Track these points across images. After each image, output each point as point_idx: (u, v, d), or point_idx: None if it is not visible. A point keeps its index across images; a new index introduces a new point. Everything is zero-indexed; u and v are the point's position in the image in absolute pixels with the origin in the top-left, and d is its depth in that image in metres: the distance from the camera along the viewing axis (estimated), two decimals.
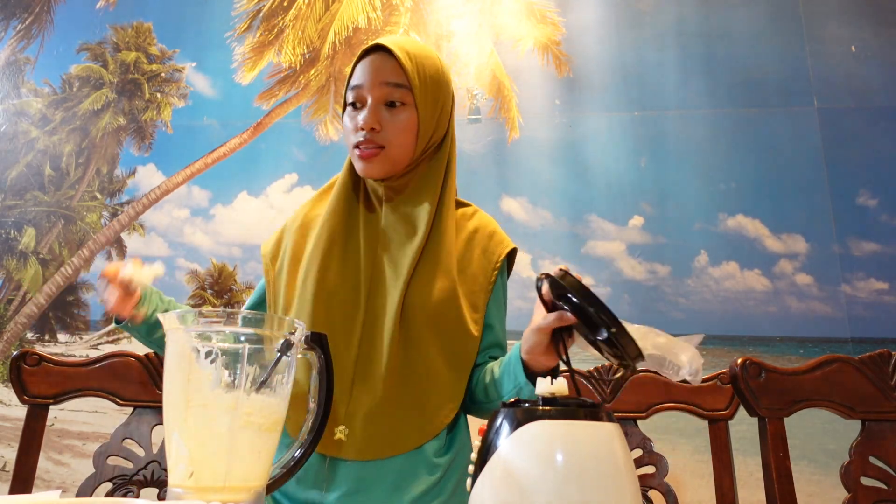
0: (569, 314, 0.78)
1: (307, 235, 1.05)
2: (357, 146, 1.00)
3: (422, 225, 1.01)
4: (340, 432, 0.92)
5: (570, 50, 2.37)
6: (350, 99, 1.02)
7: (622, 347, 0.72)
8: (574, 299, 0.75)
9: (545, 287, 0.81)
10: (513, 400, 0.67)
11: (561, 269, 0.77)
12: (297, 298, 1.00)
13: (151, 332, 1.02)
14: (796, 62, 2.26)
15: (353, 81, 1.02)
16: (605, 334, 0.72)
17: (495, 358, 1.07)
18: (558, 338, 0.82)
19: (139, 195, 2.43)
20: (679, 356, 0.75)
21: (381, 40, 1.01)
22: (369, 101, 1.00)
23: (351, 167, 1.07)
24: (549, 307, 0.82)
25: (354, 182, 1.08)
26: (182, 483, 0.62)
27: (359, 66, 1.02)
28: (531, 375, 0.89)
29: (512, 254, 1.10)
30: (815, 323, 2.05)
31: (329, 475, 0.92)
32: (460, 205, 1.12)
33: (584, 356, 0.83)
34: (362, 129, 0.99)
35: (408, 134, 1.00)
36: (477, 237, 1.08)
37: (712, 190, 2.19)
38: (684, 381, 0.74)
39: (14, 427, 2.22)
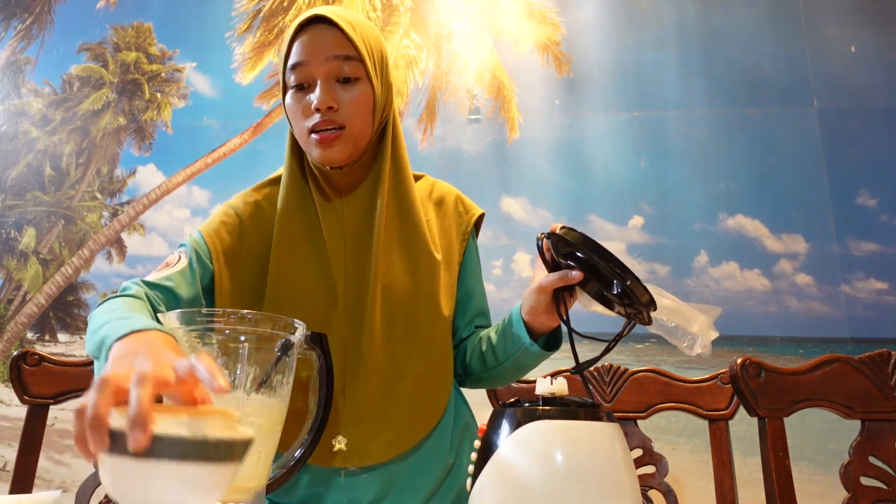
0: (573, 273, 0.77)
1: (260, 229, 0.96)
2: (313, 130, 0.90)
3: (380, 206, 0.95)
4: (339, 443, 0.88)
5: (570, 50, 2.37)
6: (294, 81, 0.91)
7: (635, 297, 0.72)
8: (582, 255, 0.74)
9: (547, 245, 0.80)
10: (512, 400, 0.67)
11: (564, 227, 0.77)
12: (265, 301, 0.92)
13: None
14: (796, 62, 2.26)
15: (295, 59, 0.90)
16: (618, 288, 0.72)
17: (482, 327, 1.05)
18: (559, 297, 0.82)
19: (139, 195, 2.43)
20: (690, 324, 0.73)
21: (317, 10, 0.90)
22: (319, 79, 0.89)
23: (294, 157, 0.98)
24: (551, 267, 0.81)
25: (302, 173, 0.98)
26: None
27: (298, 43, 0.91)
28: (533, 336, 0.89)
29: (480, 218, 1.08)
30: (815, 323, 2.05)
31: (342, 488, 0.89)
32: (415, 178, 1.06)
33: (588, 351, 0.81)
34: (317, 109, 0.89)
35: (365, 110, 0.91)
36: (444, 206, 1.05)
37: (712, 190, 2.19)
38: (697, 355, 0.73)
39: (14, 427, 2.22)
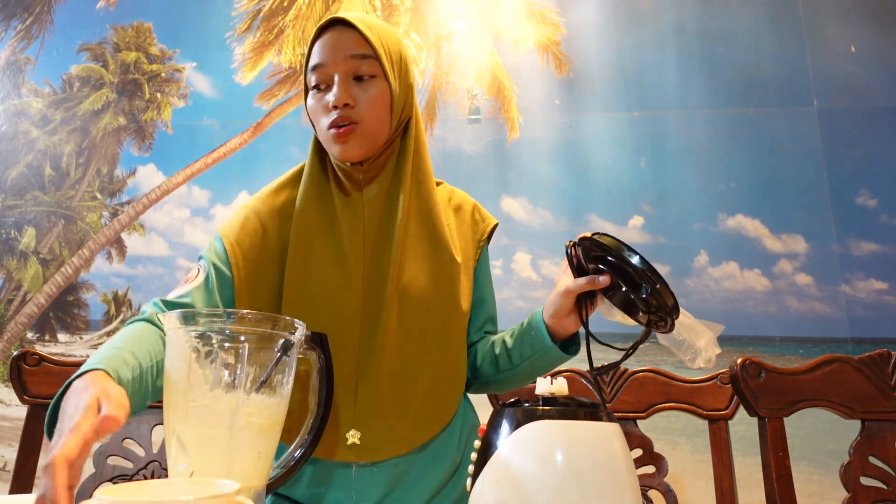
0: (600, 278, 0.80)
1: (281, 229, 0.97)
2: (330, 127, 0.93)
3: (401, 206, 0.96)
4: (352, 437, 0.89)
5: (570, 50, 2.36)
6: (313, 81, 0.95)
7: (663, 302, 0.74)
8: (613, 259, 0.77)
9: (577, 252, 0.83)
10: (512, 400, 0.67)
11: (597, 233, 0.79)
12: (283, 298, 0.93)
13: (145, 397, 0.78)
14: (796, 62, 2.26)
15: (314, 61, 0.94)
16: (646, 291, 0.74)
17: (490, 333, 1.07)
18: (581, 302, 0.85)
19: (139, 195, 2.43)
20: (699, 339, 0.76)
21: (336, 15, 0.94)
22: (337, 77, 0.93)
23: (317, 156, 1.00)
24: (577, 273, 0.84)
25: (323, 171, 1.00)
26: None
27: (317, 45, 0.94)
28: (553, 340, 0.91)
29: (494, 228, 1.09)
30: (815, 323, 2.05)
31: (353, 483, 0.90)
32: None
33: (598, 357, 0.83)
34: (334, 106, 0.91)
35: (382, 107, 0.94)
36: (461, 213, 1.07)
37: (712, 190, 2.19)
38: (698, 368, 0.78)
39: (14, 427, 2.22)
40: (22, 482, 1.16)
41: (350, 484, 0.89)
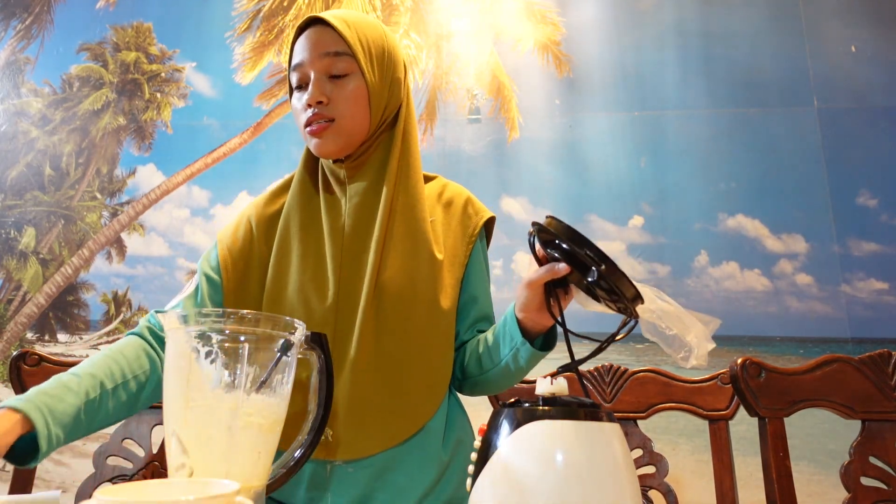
0: (559, 266, 0.74)
1: (269, 234, 1.00)
2: (307, 125, 0.94)
3: (384, 201, 0.95)
4: (325, 434, 0.88)
5: (570, 50, 2.37)
6: (294, 81, 0.96)
7: (617, 288, 0.69)
8: (561, 244, 0.72)
9: (536, 240, 0.77)
10: (512, 400, 0.67)
11: (549, 216, 0.74)
12: (264, 301, 0.95)
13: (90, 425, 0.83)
14: (796, 62, 2.26)
15: (294, 61, 0.96)
16: (595, 275, 0.69)
17: (484, 332, 1.02)
18: (551, 293, 0.79)
19: (139, 195, 2.43)
20: (688, 332, 0.70)
21: (314, 14, 0.96)
22: (312, 76, 0.94)
23: (307, 157, 1.02)
24: (541, 262, 0.78)
25: (312, 171, 1.02)
26: None
27: (296, 45, 0.96)
28: (528, 336, 0.86)
29: (489, 222, 1.06)
30: (815, 323, 2.05)
31: (328, 482, 0.90)
32: (427, 179, 1.07)
33: (585, 351, 0.80)
34: (309, 105, 0.93)
35: (358, 103, 0.94)
36: (452, 208, 1.04)
37: (712, 190, 2.19)
38: (693, 368, 0.71)
39: None
40: (22, 482, 1.16)
41: (324, 482, 0.89)
